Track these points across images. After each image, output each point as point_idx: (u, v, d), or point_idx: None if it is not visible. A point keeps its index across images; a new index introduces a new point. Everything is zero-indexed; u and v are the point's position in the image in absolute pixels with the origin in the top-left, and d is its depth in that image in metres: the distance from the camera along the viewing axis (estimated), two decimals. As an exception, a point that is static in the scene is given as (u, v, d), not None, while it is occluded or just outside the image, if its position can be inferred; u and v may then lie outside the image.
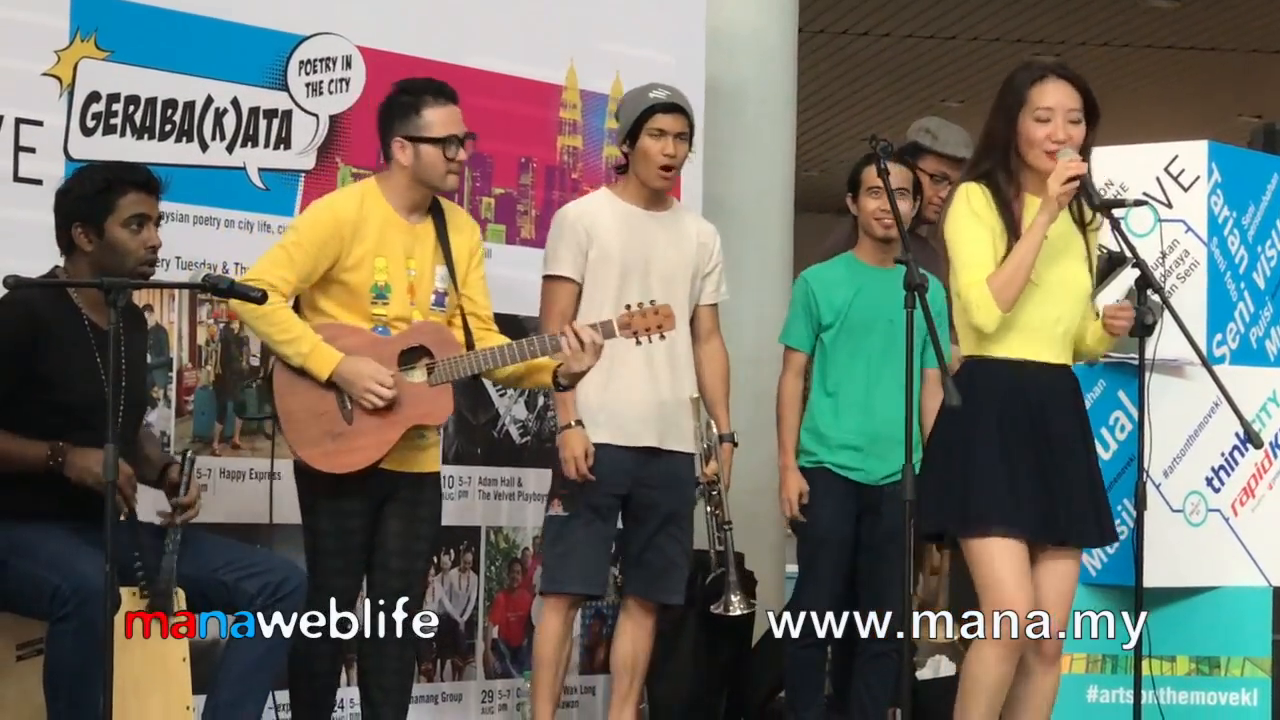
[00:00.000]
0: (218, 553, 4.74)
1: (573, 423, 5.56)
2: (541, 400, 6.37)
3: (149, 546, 4.62)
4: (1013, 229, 4.77)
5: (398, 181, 5.14)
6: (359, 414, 4.99)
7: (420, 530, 5.20)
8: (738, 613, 5.73)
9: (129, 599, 4.52)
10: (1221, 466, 5.71)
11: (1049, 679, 4.89)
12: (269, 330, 4.97)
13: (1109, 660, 5.66)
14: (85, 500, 4.44)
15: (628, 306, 5.23)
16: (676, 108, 5.62)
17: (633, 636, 5.73)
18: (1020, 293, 4.73)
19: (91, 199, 4.63)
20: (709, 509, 5.73)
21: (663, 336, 5.27)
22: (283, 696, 5.28)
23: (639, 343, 5.26)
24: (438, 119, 5.10)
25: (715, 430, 5.74)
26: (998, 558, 4.71)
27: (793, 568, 6.23)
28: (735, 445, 5.81)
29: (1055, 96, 4.78)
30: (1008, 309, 4.74)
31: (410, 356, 5.06)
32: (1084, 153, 4.80)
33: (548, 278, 5.65)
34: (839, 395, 5.82)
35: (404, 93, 5.16)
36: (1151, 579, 5.31)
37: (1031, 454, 4.77)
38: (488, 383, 6.15)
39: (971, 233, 4.79)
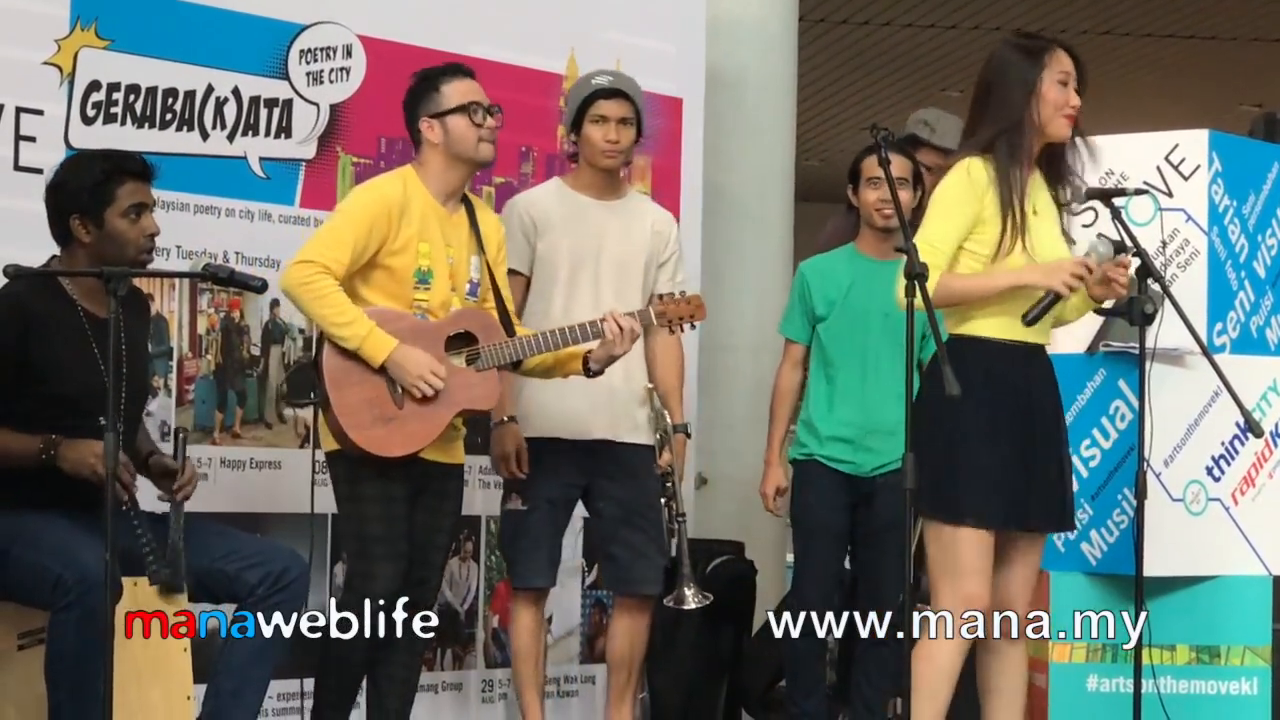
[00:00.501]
0: (220, 542, 4.74)
1: (504, 419, 5.54)
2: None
3: (154, 535, 4.62)
4: (1011, 205, 4.73)
5: (433, 165, 5.14)
6: (409, 398, 4.99)
7: (443, 524, 5.21)
8: (691, 606, 5.66)
9: (133, 593, 4.50)
10: (1222, 456, 5.71)
11: (1016, 650, 4.90)
12: (326, 312, 4.93)
13: (1109, 650, 5.65)
14: (86, 489, 4.43)
15: (660, 296, 5.24)
16: (618, 93, 5.57)
17: (623, 630, 5.72)
18: (958, 306, 4.76)
19: (90, 190, 4.61)
20: (663, 500, 5.67)
21: (694, 326, 5.29)
22: (293, 686, 5.27)
23: (673, 331, 5.30)
24: (456, 90, 5.13)
25: (669, 421, 5.69)
26: (966, 547, 4.71)
27: (793, 558, 6.24)
28: (689, 436, 5.78)
29: (1068, 63, 4.81)
30: (937, 308, 4.70)
31: (455, 342, 5.07)
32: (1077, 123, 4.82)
33: None
34: (834, 387, 5.82)
35: (422, 79, 5.19)
36: (1152, 568, 5.31)
37: (1015, 437, 4.76)
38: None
39: (954, 209, 4.75)
